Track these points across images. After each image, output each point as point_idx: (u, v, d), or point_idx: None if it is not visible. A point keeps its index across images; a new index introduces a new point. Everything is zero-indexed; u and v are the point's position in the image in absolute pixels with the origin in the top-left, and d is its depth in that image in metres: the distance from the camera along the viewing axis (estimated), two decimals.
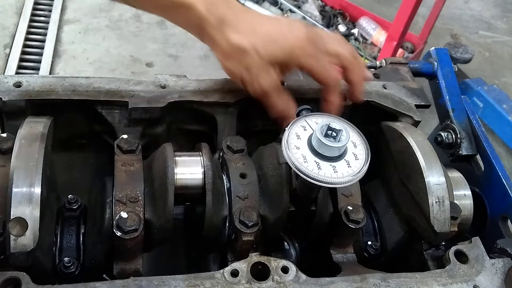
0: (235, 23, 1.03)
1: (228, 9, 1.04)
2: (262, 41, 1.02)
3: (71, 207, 0.99)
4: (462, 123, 1.24)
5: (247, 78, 1.06)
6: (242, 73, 1.06)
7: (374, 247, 1.09)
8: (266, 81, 1.05)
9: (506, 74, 4.14)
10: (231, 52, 1.04)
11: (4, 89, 1.03)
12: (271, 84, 1.05)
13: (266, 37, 1.03)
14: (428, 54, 1.37)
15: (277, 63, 1.04)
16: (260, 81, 1.04)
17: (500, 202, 1.15)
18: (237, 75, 1.07)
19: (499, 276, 0.92)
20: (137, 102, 1.08)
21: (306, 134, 0.89)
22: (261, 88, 1.05)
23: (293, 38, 1.04)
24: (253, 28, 1.04)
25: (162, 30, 3.80)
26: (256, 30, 1.03)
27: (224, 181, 1.00)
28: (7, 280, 0.78)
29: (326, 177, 0.84)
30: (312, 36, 1.05)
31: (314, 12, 4.07)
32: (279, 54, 1.03)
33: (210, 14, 1.02)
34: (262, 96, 1.07)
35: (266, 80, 1.05)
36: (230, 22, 1.03)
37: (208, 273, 0.85)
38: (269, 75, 1.04)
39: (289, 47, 1.03)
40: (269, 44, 1.03)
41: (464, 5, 4.86)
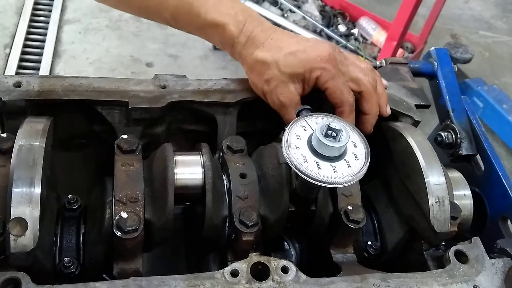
0: (263, 41, 1.09)
1: (257, 27, 1.10)
2: (284, 56, 1.07)
3: (71, 207, 0.99)
4: (462, 123, 1.24)
5: (267, 90, 1.10)
6: (263, 86, 1.10)
7: (374, 247, 1.09)
8: (283, 94, 1.08)
9: (506, 74, 4.14)
10: (255, 65, 1.09)
11: (4, 89, 1.03)
12: (288, 96, 1.08)
13: (288, 53, 1.07)
14: (428, 54, 1.37)
15: (297, 78, 1.07)
16: (277, 93, 1.09)
17: (500, 202, 1.15)
18: (258, 87, 1.12)
19: (499, 276, 0.92)
20: (137, 102, 1.08)
21: (306, 134, 0.90)
22: (279, 100, 1.09)
23: (315, 55, 1.06)
24: (279, 45, 1.08)
25: (162, 30, 3.80)
26: (281, 46, 1.08)
27: (224, 181, 1.00)
28: (7, 280, 0.78)
29: (326, 177, 0.84)
30: (335, 56, 1.08)
31: (314, 12, 4.07)
32: (298, 69, 1.06)
33: (241, 34, 1.09)
34: (280, 108, 1.11)
35: (283, 93, 1.08)
36: (258, 40, 1.09)
37: (208, 273, 0.84)
38: (287, 88, 1.08)
39: (310, 63, 1.06)
40: (290, 59, 1.06)
41: (464, 5, 4.86)
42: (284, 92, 1.08)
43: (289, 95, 1.08)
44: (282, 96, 1.08)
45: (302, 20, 4.00)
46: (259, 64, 1.09)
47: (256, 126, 1.25)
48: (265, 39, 1.09)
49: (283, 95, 1.08)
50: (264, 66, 1.08)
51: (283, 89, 1.08)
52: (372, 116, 1.12)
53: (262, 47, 1.08)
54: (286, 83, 1.08)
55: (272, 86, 1.08)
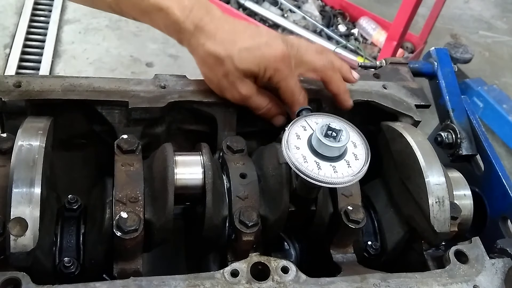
0: (213, 31, 1.04)
1: (206, 16, 1.05)
2: (238, 51, 1.04)
3: (71, 207, 0.99)
4: (462, 123, 1.24)
5: (225, 85, 1.08)
6: (219, 80, 1.08)
7: (374, 247, 1.09)
8: (243, 88, 1.08)
9: (506, 74, 4.14)
10: (207, 59, 1.06)
11: (4, 89, 1.03)
12: (248, 89, 1.08)
13: (243, 48, 1.04)
14: (428, 54, 1.37)
15: (251, 74, 1.07)
16: (238, 88, 1.08)
17: (500, 202, 1.15)
18: (213, 81, 1.10)
19: (499, 276, 0.92)
20: (137, 102, 1.08)
21: (306, 134, 0.89)
22: (240, 95, 1.09)
23: (269, 54, 1.05)
24: (231, 37, 1.05)
25: None
26: (233, 40, 1.05)
27: (224, 181, 1.00)
28: (7, 280, 0.78)
29: (326, 177, 0.84)
30: (289, 54, 1.06)
31: (314, 12, 4.07)
32: (253, 67, 1.05)
33: (187, 19, 1.04)
34: (243, 100, 1.10)
35: (243, 88, 1.08)
36: (207, 29, 1.04)
37: (208, 273, 0.84)
38: (245, 82, 1.07)
39: (264, 62, 1.05)
40: (244, 55, 1.04)
41: (464, 5, 4.86)
42: (243, 85, 1.07)
43: (248, 87, 1.08)
44: (243, 89, 1.08)
45: (302, 20, 4.00)
46: (212, 58, 1.05)
47: (256, 126, 1.25)
48: (216, 30, 1.05)
49: (244, 88, 1.08)
50: (218, 61, 1.05)
51: (241, 83, 1.07)
52: (342, 93, 1.14)
53: (213, 40, 1.04)
54: (242, 78, 1.07)
55: (231, 81, 1.07)
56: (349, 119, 0.94)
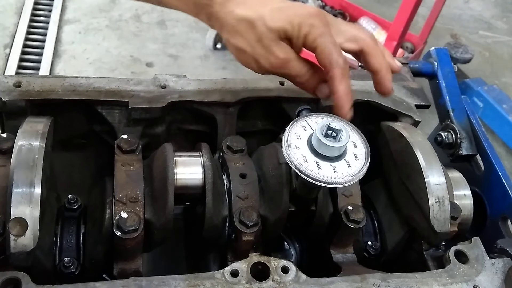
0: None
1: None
2: (270, 11, 0.95)
3: (71, 207, 0.99)
4: (462, 123, 1.24)
5: (260, 52, 0.97)
6: (254, 48, 0.97)
7: (374, 247, 1.09)
8: (280, 51, 0.96)
9: (506, 74, 4.14)
10: (238, 26, 0.97)
11: (4, 89, 1.03)
12: (285, 52, 0.97)
13: (274, 8, 0.96)
14: (428, 54, 1.36)
15: (285, 35, 0.96)
16: (274, 52, 0.96)
17: (500, 202, 1.15)
18: (247, 51, 0.98)
19: (499, 276, 0.92)
20: (137, 102, 1.08)
21: (306, 134, 0.89)
22: (277, 59, 0.96)
23: (303, 12, 0.95)
24: (262, 1, 0.97)
25: (162, 30, 3.80)
26: (264, 2, 0.97)
27: (224, 181, 1.00)
28: (7, 280, 0.78)
29: (326, 177, 0.84)
30: (324, 14, 0.97)
31: None
32: (287, 26, 0.95)
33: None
34: (282, 66, 0.97)
35: (280, 51, 0.96)
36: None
37: (208, 273, 0.84)
38: (282, 46, 0.97)
39: (297, 20, 0.95)
40: (276, 16, 0.95)
41: (464, 5, 4.86)
42: (279, 48, 0.96)
43: (285, 50, 0.96)
44: (281, 53, 0.96)
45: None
46: (243, 24, 0.96)
47: (256, 126, 1.25)
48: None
49: (281, 51, 0.96)
50: (250, 25, 0.96)
51: (277, 46, 0.96)
52: (385, 71, 0.99)
53: (244, 5, 0.96)
54: (276, 40, 0.96)
55: (266, 44, 0.96)
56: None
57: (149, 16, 3.98)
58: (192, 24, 4.22)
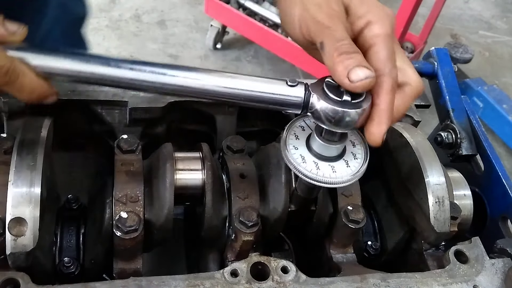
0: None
1: None
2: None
3: (71, 207, 0.99)
4: (462, 123, 1.24)
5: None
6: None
7: (374, 247, 1.09)
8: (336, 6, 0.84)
9: (506, 74, 4.15)
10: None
11: None
12: (340, 10, 0.85)
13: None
14: (428, 54, 1.36)
15: (346, 9, 0.86)
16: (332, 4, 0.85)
17: (500, 202, 1.15)
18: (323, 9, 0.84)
19: (499, 276, 0.92)
20: (137, 102, 1.08)
21: (305, 134, 0.89)
22: (333, 9, 0.84)
23: (380, 5, 0.86)
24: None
25: (162, 30, 3.80)
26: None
27: (224, 181, 1.00)
28: (7, 280, 0.78)
29: (325, 177, 0.84)
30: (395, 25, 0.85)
31: None
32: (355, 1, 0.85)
33: None
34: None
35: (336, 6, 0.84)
36: None
37: (208, 273, 0.84)
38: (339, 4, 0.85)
39: (372, 3, 0.86)
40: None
41: (464, 5, 4.86)
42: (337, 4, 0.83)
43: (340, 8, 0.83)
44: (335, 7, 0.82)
45: None
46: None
47: (256, 126, 1.25)
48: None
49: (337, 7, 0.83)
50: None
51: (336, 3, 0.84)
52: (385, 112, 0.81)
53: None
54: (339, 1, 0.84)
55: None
56: None
57: (149, 16, 3.99)
58: (192, 24, 4.23)
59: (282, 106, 0.84)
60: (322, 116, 0.78)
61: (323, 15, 0.81)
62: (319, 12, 0.82)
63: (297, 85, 0.82)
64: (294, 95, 0.81)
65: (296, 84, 0.82)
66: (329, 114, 0.78)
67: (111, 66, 0.82)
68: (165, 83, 0.82)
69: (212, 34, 4.30)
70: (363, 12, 0.83)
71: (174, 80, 0.82)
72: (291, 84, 0.82)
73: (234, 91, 0.83)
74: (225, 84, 0.83)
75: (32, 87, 0.82)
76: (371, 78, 0.76)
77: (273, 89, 0.83)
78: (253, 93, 0.83)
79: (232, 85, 0.83)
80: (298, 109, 0.83)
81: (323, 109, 0.78)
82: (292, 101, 0.82)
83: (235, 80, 0.84)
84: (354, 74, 0.76)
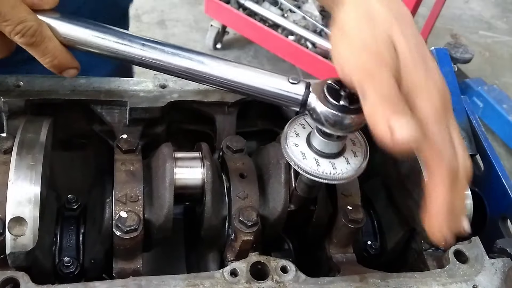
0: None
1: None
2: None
3: (71, 207, 0.99)
4: (462, 123, 1.24)
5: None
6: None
7: (374, 247, 1.09)
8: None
9: (506, 74, 4.15)
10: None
11: (4, 89, 1.03)
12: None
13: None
14: None
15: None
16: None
17: (500, 202, 1.15)
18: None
19: (498, 276, 0.92)
20: (137, 102, 1.08)
21: (305, 132, 0.90)
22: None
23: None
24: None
25: (162, 30, 3.80)
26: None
27: (224, 181, 1.00)
28: (6, 280, 0.78)
29: (325, 174, 0.84)
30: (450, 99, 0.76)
31: (314, 12, 4.07)
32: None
33: None
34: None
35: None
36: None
37: (207, 273, 0.85)
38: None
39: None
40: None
41: (464, 5, 4.86)
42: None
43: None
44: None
45: (302, 20, 4.00)
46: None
47: (256, 126, 1.25)
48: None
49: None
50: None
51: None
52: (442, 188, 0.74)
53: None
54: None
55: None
56: None
57: (149, 16, 3.99)
58: (192, 24, 4.23)
59: (281, 101, 0.86)
60: (318, 117, 0.80)
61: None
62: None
63: (298, 83, 0.84)
64: (294, 92, 0.84)
65: (297, 82, 0.84)
66: (325, 116, 0.79)
67: (132, 44, 0.91)
68: (176, 64, 0.89)
69: (212, 34, 4.30)
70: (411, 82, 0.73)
71: (184, 63, 0.89)
72: (292, 81, 0.85)
73: (235, 80, 0.88)
74: (227, 72, 0.88)
75: (54, 53, 0.87)
76: (416, 137, 0.67)
77: (275, 83, 0.86)
78: (254, 84, 0.87)
79: (235, 74, 0.87)
80: (297, 107, 0.85)
81: (319, 111, 0.80)
82: (291, 98, 0.84)
83: (238, 69, 0.88)
84: (399, 128, 0.67)
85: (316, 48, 3.84)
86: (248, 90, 0.88)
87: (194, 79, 0.92)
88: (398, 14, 0.77)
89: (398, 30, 0.74)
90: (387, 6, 0.77)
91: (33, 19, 0.84)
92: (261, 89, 0.87)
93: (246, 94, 0.90)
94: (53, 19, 0.87)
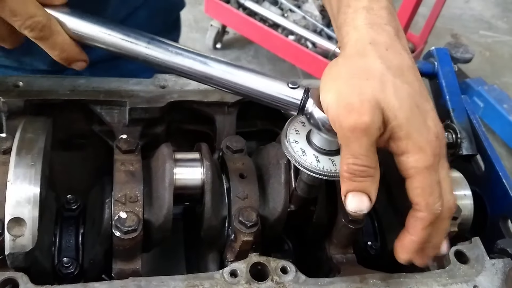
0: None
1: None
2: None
3: (70, 207, 0.99)
4: (462, 123, 1.24)
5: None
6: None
7: (374, 247, 1.09)
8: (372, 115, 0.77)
9: (507, 74, 4.15)
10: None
11: (4, 89, 1.03)
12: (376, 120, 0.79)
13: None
14: (428, 54, 1.36)
15: (384, 119, 0.78)
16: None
17: (501, 202, 1.15)
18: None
19: (499, 276, 0.92)
20: (137, 102, 1.08)
21: (305, 129, 0.90)
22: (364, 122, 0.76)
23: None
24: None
25: None
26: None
27: (224, 181, 1.00)
28: (6, 281, 0.78)
29: (325, 170, 0.85)
30: (443, 141, 0.81)
31: (314, 12, 4.07)
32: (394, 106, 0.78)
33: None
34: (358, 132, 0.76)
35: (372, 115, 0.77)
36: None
37: (207, 274, 0.84)
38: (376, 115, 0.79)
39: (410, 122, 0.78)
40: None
41: (464, 5, 4.86)
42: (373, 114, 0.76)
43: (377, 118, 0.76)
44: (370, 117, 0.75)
45: (302, 20, 4.00)
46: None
47: (256, 126, 1.25)
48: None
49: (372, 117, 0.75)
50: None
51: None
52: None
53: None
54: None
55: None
56: None
57: None
58: (192, 24, 4.23)
59: (280, 104, 0.89)
60: (315, 122, 0.83)
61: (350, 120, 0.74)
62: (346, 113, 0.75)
63: (297, 88, 0.86)
64: (292, 97, 0.86)
65: (296, 87, 0.86)
66: (322, 122, 0.82)
67: (138, 42, 0.91)
68: (179, 63, 0.91)
69: (212, 34, 4.30)
70: (402, 136, 0.76)
71: (186, 62, 0.91)
72: (291, 86, 0.87)
73: (235, 81, 0.90)
74: (228, 74, 0.90)
75: (63, 47, 0.90)
76: (364, 211, 0.79)
77: (274, 87, 0.88)
78: (254, 87, 0.89)
79: (235, 76, 0.89)
80: (295, 111, 0.87)
81: (317, 116, 0.82)
82: (290, 102, 0.87)
83: (238, 71, 0.89)
84: (349, 201, 0.78)
85: (316, 48, 3.84)
86: (247, 92, 0.90)
87: (196, 79, 0.93)
88: (397, 70, 0.79)
89: (391, 90, 0.76)
90: (386, 64, 0.78)
91: (42, 14, 0.86)
92: (261, 92, 0.89)
93: (245, 96, 0.92)
94: (63, 14, 0.90)
